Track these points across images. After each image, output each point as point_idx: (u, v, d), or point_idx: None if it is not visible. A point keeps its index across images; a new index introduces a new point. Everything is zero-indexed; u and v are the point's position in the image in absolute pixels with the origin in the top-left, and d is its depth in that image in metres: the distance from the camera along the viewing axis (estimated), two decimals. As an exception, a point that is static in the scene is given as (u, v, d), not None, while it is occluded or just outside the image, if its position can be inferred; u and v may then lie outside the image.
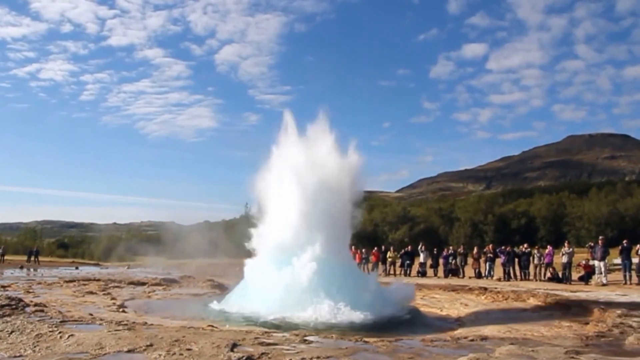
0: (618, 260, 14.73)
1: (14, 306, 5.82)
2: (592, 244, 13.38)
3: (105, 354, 3.73)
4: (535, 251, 13.73)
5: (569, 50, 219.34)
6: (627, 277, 11.69)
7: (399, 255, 17.19)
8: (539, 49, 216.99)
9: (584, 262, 12.97)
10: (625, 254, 11.88)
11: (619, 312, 6.56)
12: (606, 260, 12.27)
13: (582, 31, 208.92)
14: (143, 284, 12.26)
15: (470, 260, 15.57)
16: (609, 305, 7.36)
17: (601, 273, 11.91)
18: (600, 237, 13.23)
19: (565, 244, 13.66)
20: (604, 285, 11.47)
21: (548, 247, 13.99)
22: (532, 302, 8.56)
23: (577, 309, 7.29)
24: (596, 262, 12.22)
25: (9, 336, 4.34)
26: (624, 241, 12.14)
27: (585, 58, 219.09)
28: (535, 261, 13.45)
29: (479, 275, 14.51)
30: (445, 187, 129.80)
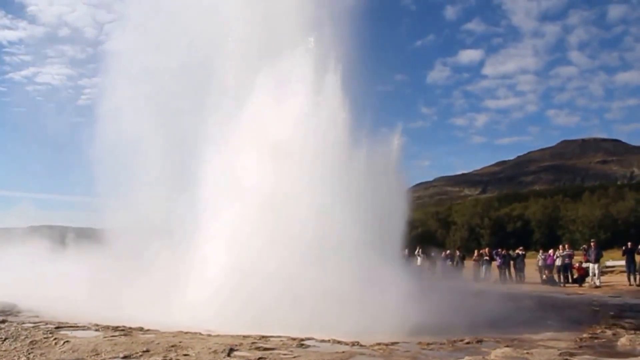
0: (611, 263, 14.93)
1: (8, 312, 5.75)
2: (587, 247, 13.53)
3: (101, 360, 3.71)
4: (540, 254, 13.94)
5: (563, 57, 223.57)
6: (632, 279, 11.75)
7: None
8: (534, 55, 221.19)
9: (577, 264, 13.12)
10: (629, 256, 11.89)
11: (612, 313, 6.65)
12: (600, 263, 12.41)
13: (575, 38, 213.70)
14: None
15: (467, 263, 15.66)
16: (603, 307, 7.46)
17: (595, 275, 12.04)
18: (592, 240, 13.39)
19: (560, 247, 13.81)
20: (597, 287, 11.58)
21: (550, 250, 14.15)
22: (527, 304, 8.63)
23: (571, 311, 7.36)
24: (590, 265, 12.35)
25: (2, 343, 4.29)
26: (629, 243, 12.05)
27: (579, 64, 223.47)
28: (540, 263, 13.59)
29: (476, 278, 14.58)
30: (442, 191, 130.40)
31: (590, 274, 12.25)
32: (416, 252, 16.93)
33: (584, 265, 12.85)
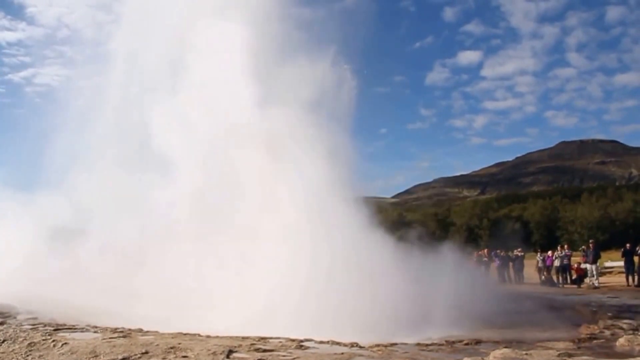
0: (609, 263, 14.98)
1: (6, 314, 5.73)
2: (585, 248, 13.57)
3: (99, 362, 3.70)
4: (539, 255, 13.95)
5: (561, 58, 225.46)
6: (631, 280, 11.76)
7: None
8: (532, 57, 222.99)
9: (576, 265, 13.16)
10: (628, 257, 11.90)
11: (610, 314, 6.67)
12: (598, 264, 12.45)
13: (574, 39, 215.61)
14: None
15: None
16: (601, 307, 7.49)
17: (593, 276, 12.07)
18: (591, 241, 13.43)
19: (559, 248, 13.85)
20: (595, 288, 11.61)
21: (549, 251, 14.20)
22: (526, 305, 8.64)
23: (569, 312, 7.38)
24: (588, 265, 12.39)
25: (0, 345, 4.28)
26: (627, 244, 12.07)
27: (577, 65, 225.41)
28: (539, 264, 13.63)
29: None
30: (441, 192, 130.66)
31: (589, 275, 12.29)
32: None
33: (583, 266, 12.89)
